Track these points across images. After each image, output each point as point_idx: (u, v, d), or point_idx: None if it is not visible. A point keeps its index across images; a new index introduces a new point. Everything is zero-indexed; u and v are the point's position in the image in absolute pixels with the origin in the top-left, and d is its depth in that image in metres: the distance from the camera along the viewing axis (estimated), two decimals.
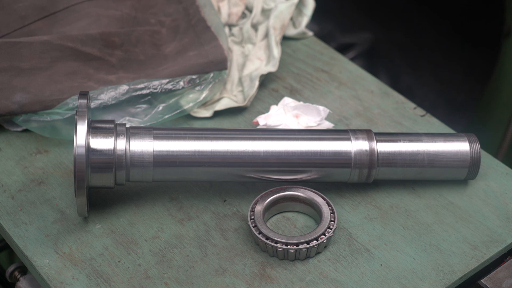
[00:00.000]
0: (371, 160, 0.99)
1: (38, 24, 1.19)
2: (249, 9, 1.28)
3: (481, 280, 0.94)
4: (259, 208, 0.98)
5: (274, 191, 1.00)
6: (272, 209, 1.00)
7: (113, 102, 1.10)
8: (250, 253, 0.96)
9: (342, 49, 1.70)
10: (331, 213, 0.97)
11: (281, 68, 1.23)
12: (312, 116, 1.09)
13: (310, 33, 1.30)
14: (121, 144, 0.96)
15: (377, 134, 1.01)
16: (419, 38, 1.77)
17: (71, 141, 1.09)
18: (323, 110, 1.09)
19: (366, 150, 0.99)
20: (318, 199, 0.99)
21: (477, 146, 1.02)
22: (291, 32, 1.28)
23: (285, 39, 1.28)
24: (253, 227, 0.96)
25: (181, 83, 1.12)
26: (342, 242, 0.98)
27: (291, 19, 1.29)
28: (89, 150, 0.94)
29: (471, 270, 0.95)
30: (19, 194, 1.03)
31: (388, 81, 1.75)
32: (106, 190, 1.03)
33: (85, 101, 0.95)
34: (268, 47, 1.21)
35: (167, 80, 1.12)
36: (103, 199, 1.02)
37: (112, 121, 0.98)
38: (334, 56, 1.27)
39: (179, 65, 1.14)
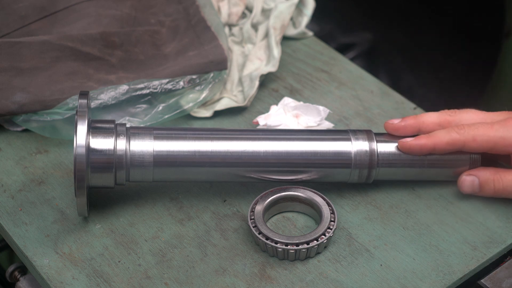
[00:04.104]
0: (371, 160, 0.99)
1: (38, 24, 1.19)
2: (249, 9, 1.28)
3: (481, 280, 0.94)
4: (259, 208, 0.98)
5: (274, 191, 1.00)
6: (272, 209, 1.00)
7: (113, 102, 1.10)
8: (250, 253, 0.96)
9: (342, 49, 1.70)
10: (331, 213, 0.97)
11: (281, 68, 1.23)
12: (312, 116, 1.09)
13: (310, 33, 1.30)
14: (121, 144, 0.96)
15: (377, 134, 1.01)
16: (419, 38, 1.77)
17: (71, 141, 1.09)
18: (323, 110, 1.09)
19: (366, 151, 0.99)
20: (318, 199, 0.99)
21: None
22: (291, 32, 1.28)
23: (285, 39, 1.28)
24: (253, 227, 0.96)
25: (181, 83, 1.12)
26: (342, 242, 0.98)
27: (291, 19, 1.29)
28: (89, 150, 0.94)
29: (471, 270, 0.95)
30: (19, 194, 1.03)
31: (388, 81, 1.74)
32: (106, 190, 1.03)
33: (85, 101, 0.95)
34: (268, 47, 1.21)
35: (167, 80, 1.12)
36: (103, 199, 1.02)
37: (112, 121, 0.98)
38: (334, 56, 1.27)
39: (179, 65, 1.14)
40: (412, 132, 1.01)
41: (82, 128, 0.93)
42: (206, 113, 1.15)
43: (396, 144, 1.00)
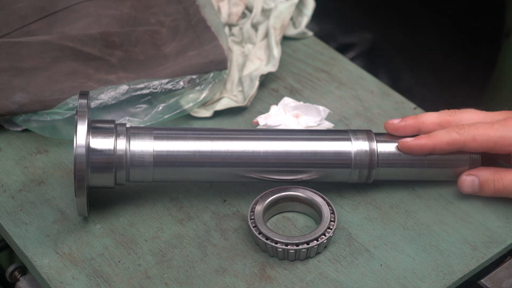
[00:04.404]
0: (371, 160, 0.99)
1: (38, 24, 1.19)
2: (249, 9, 1.28)
3: (481, 280, 0.94)
4: (259, 208, 0.98)
5: (274, 191, 1.00)
6: (272, 209, 1.00)
7: (113, 102, 1.10)
8: (250, 253, 0.96)
9: (342, 49, 1.70)
10: (331, 213, 0.97)
11: (281, 68, 1.23)
12: (312, 116, 1.09)
13: (310, 33, 1.30)
14: (121, 144, 0.96)
15: (377, 134, 1.01)
16: (419, 38, 1.77)
17: (71, 141, 1.09)
18: (323, 110, 1.09)
19: (366, 151, 0.99)
20: (318, 199, 0.99)
21: None
22: (291, 32, 1.28)
23: (285, 39, 1.28)
24: (253, 227, 0.96)
25: (181, 83, 1.12)
26: (342, 242, 0.98)
27: (291, 19, 1.29)
28: (89, 150, 0.94)
29: (471, 270, 0.95)
30: (19, 194, 1.03)
31: (388, 81, 1.74)
32: (106, 190, 1.03)
33: (85, 101, 0.95)
34: (268, 47, 1.21)
35: (167, 80, 1.12)
36: (103, 199, 1.02)
37: (112, 121, 0.98)
38: (334, 56, 1.27)
39: (179, 65, 1.14)
40: (412, 132, 1.01)
41: (82, 128, 0.93)
42: (206, 113, 1.15)
43: (396, 144, 1.00)
